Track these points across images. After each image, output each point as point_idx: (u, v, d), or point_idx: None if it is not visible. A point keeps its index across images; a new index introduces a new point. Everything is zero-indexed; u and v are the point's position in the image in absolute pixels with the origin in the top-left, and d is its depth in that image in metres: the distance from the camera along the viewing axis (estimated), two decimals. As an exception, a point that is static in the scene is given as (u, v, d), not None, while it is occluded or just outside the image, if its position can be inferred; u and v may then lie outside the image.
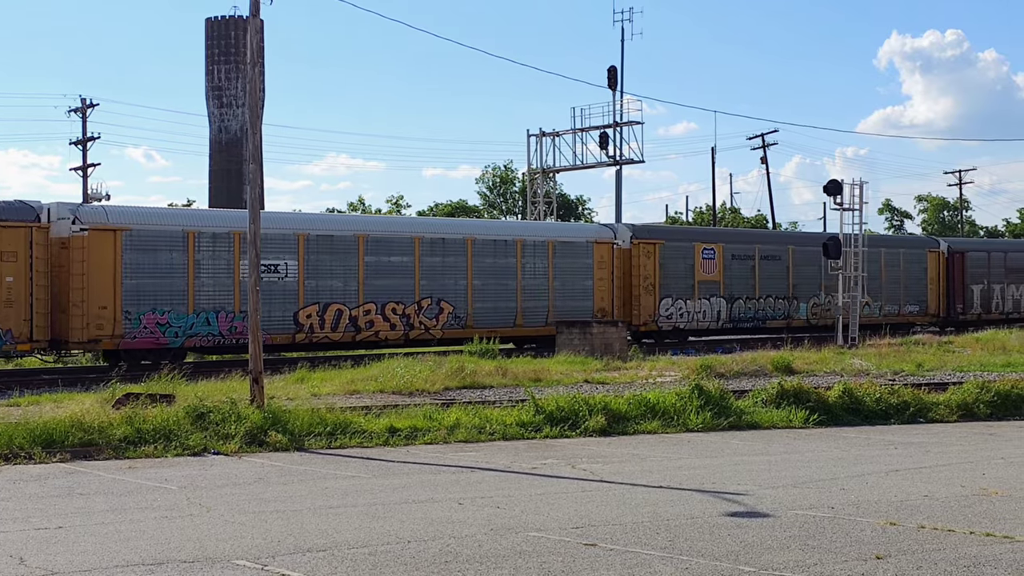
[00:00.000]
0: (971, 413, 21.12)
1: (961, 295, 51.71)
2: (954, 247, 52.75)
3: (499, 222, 38.11)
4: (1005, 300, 53.83)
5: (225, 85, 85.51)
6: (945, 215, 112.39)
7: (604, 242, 40.27)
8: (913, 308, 49.46)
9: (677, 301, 41.87)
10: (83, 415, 16.72)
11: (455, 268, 36.32)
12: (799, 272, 45.77)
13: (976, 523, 10.89)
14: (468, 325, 36.02)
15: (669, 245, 42.10)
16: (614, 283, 40.13)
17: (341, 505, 12.02)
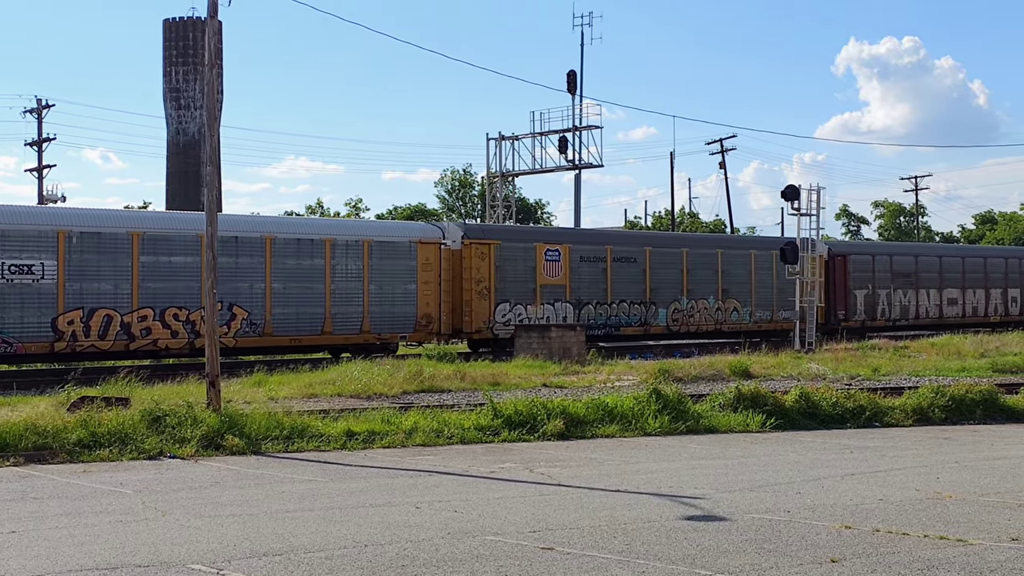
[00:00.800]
0: (926, 417, 21.29)
1: (843, 300, 48.89)
2: (835, 250, 50.07)
3: (305, 219, 34.24)
4: (892, 306, 50.94)
5: (183, 87, 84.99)
6: (902, 221, 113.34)
7: (430, 242, 37.06)
8: (789, 314, 44.23)
9: (516, 306, 38.80)
10: (37, 418, 16.57)
11: (251, 270, 33.13)
12: (659, 275, 43.07)
13: (930, 526, 10.98)
14: (266, 332, 33.28)
15: (507, 246, 39.10)
16: (442, 287, 36.95)
17: (298, 509, 11.97)
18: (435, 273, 36.83)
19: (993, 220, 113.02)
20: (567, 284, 40.37)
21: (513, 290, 38.83)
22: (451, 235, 38.24)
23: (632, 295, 42.18)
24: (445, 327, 37.11)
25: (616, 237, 47.15)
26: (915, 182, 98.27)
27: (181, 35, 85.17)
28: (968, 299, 54.09)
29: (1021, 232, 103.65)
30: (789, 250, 39.31)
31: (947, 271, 53.16)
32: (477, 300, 37.80)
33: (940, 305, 52.67)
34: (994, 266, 55.76)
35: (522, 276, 39.21)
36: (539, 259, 39.67)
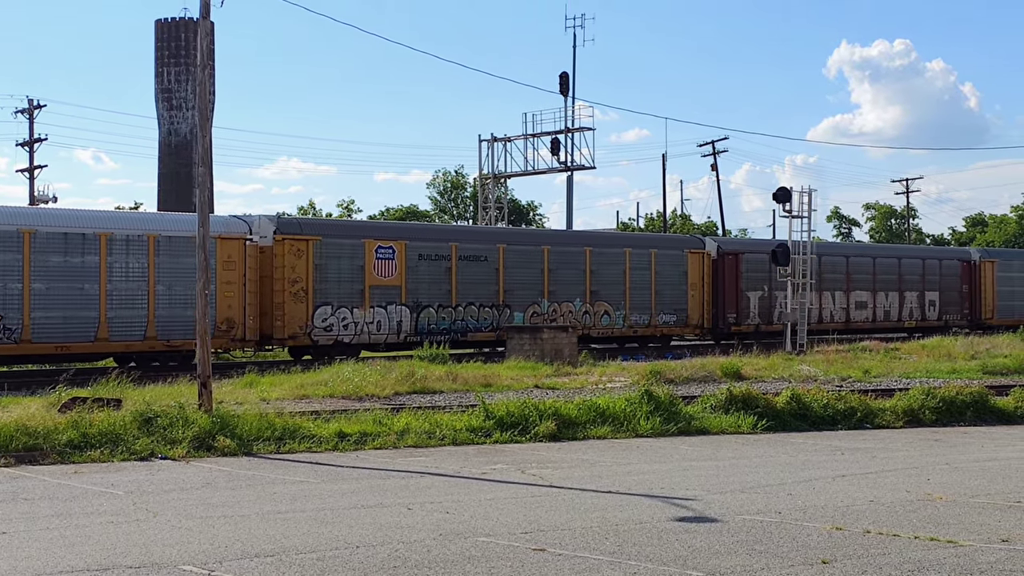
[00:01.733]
0: (917, 419, 21.32)
1: (734, 303, 45.66)
2: (725, 248, 46.85)
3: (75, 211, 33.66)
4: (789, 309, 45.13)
5: (175, 87, 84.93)
6: (893, 223, 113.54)
7: (233, 238, 33.08)
8: (669, 318, 43.21)
9: (340, 310, 35.22)
10: (28, 419, 16.55)
11: (4, 268, 29.68)
12: (514, 276, 39.49)
13: (921, 528, 11.00)
14: (24, 339, 29.74)
15: (330, 242, 35.38)
16: (247, 288, 33.09)
17: (289, 510, 11.96)
18: (239, 272, 32.99)
19: (984, 223, 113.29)
20: (402, 285, 36.76)
21: (337, 291, 35.25)
22: (260, 229, 34.35)
23: (483, 297, 38.61)
24: (251, 332, 33.28)
25: (463, 233, 43.27)
26: (906, 184, 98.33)
27: (173, 35, 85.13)
28: (880, 302, 51.34)
29: (1011, 235, 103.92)
30: (780, 252, 39.32)
31: (855, 272, 50.37)
32: (292, 303, 34.23)
33: (847, 309, 49.81)
34: (910, 267, 53.09)
35: (348, 276, 35.58)
36: (368, 257, 36.04)
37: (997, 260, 57.44)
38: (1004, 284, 56.88)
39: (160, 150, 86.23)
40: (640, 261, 43.01)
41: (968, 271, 55.52)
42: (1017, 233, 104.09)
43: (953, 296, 54.54)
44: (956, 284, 54.81)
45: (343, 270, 35.51)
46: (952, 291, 54.50)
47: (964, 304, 54.95)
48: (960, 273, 55.16)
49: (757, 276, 46.46)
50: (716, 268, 45.37)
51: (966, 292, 55.19)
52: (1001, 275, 56.80)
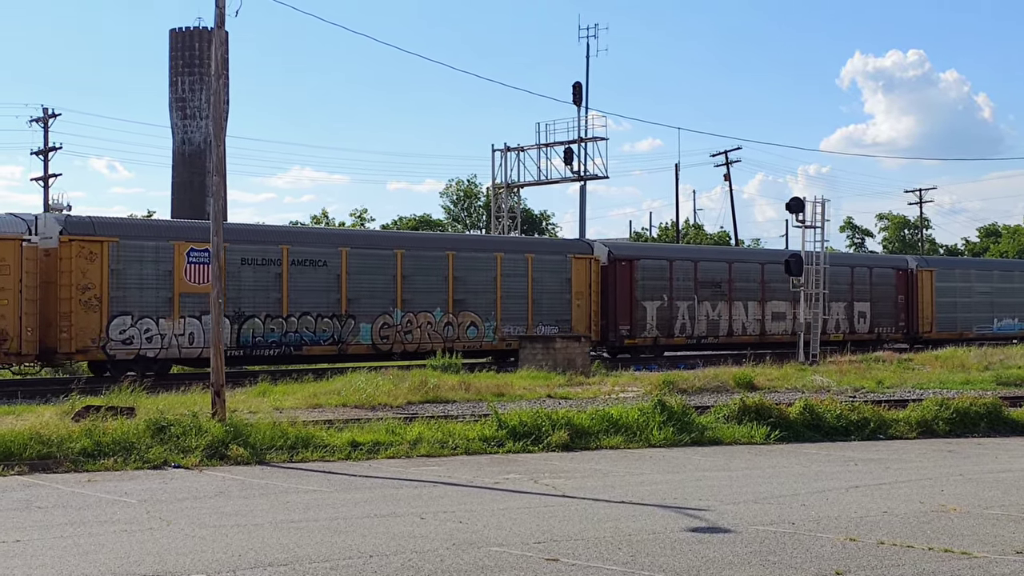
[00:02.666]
0: (930, 430, 21.27)
1: (628, 314, 41.86)
2: (618, 253, 42.71)
3: None
4: (696, 321, 43.87)
5: (189, 97, 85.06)
6: (906, 233, 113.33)
7: (7, 238, 29.14)
8: (549, 330, 38.99)
9: (143, 320, 31.37)
10: (42, 428, 16.59)
11: None
12: (360, 283, 35.67)
13: (935, 539, 10.97)
14: None
15: (129, 244, 31.34)
16: (23, 295, 29.17)
17: (303, 519, 11.97)
18: (14, 277, 29.06)
19: (997, 233, 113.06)
20: None
21: (139, 300, 31.42)
22: (45, 230, 30.51)
23: (321, 307, 34.77)
24: (29, 346, 29.49)
25: (296, 235, 37.82)
26: (919, 195, 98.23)
27: (187, 45, 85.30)
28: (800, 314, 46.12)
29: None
30: (794, 262, 39.25)
31: (772, 280, 46.18)
32: (82, 312, 30.37)
33: (762, 320, 46.10)
34: (836, 276, 47.56)
35: (153, 282, 31.72)
36: (179, 261, 32.09)
37: (936, 269, 53.95)
38: (944, 295, 53.41)
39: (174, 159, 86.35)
40: (514, 267, 39.05)
41: (905, 280, 52.04)
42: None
43: (887, 307, 51.02)
44: (891, 294, 51.17)
45: (147, 276, 31.71)
46: (886, 302, 51.03)
47: (900, 316, 51.39)
48: (895, 282, 51.52)
49: (655, 284, 42.92)
50: (607, 275, 41.57)
51: (902, 303, 51.65)
52: (941, 285, 53.24)
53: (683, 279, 43.79)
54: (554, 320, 39.73)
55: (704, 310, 44.34)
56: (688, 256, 45.72)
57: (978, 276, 55.91)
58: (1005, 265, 63.99)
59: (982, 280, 55.68)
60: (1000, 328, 54.95)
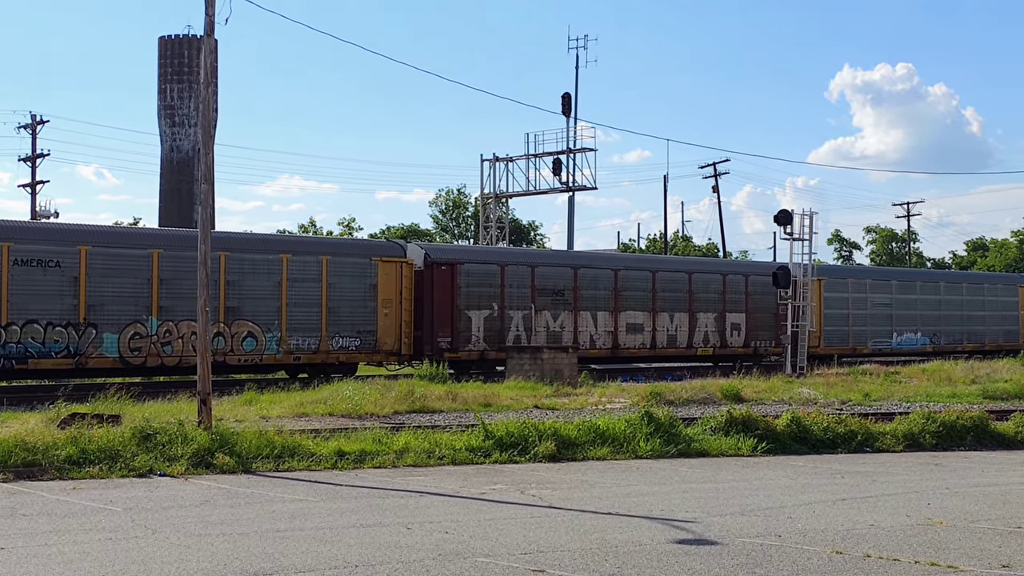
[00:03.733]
0: (917, 443, 21.30)
1: (448, 324, 37.57)
2: (436, 256, 38.32)
3: None
4: (534, 332, 39.49)
5: (178, 104, 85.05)
6: (894, 247, 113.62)
7: None
8: (350, 342, 35.16)
9: None
10: (27, 435, 16.53)
11: None
12: (104, 286, 31.13)
13: (921, 552, 10.97)
14: None
15: None
16: None
17: (288, 529, 11.93)
18: None
19: (985, 247, 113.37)
20: None
21: None
22: None
23: (52, 314, 30.30)
24: None
25: (22, 231, 31.44)
26: (907, 208, 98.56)
27: (176, 53, 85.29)
28: (661, 325, 43.29)
29: (1012, 259, 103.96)
30: (781, 274, 39.31)
31: (627, 288, 42.37)
32: None
33: (615, 332, 41.78)
34: (705, 283, 44.83)
35: None
36: None
37: (825, 277, 49.48)
38: (834, 306, 49.37)
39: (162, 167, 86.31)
40: (305, 270, 34.63)
41: None
42: (1018, 258, 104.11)
43: (766, 319, 46.20)
44: (770, 305, 45.80)
45: None
46: (765, 313, 46.09)
47: (781, 328, 45.29)
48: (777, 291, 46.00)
49: (483, 292, 38.58)
50: (423, 281, 37.33)
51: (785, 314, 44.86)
52: (831, 295, 49.29)
53: (518, 286, 39.44)
54: (355, 331, 35.29)
55: (543, 320, 39.97)
56: (524, 260, 41.23)
57: (875, 286, 51.98)
58: (906, 275, 59.29)
59: (879, 290, 51.85)
60: (900, 343, 50.86)
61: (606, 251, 66.64)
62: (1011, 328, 57.73)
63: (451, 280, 37.81)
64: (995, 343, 55.84)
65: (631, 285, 42.52)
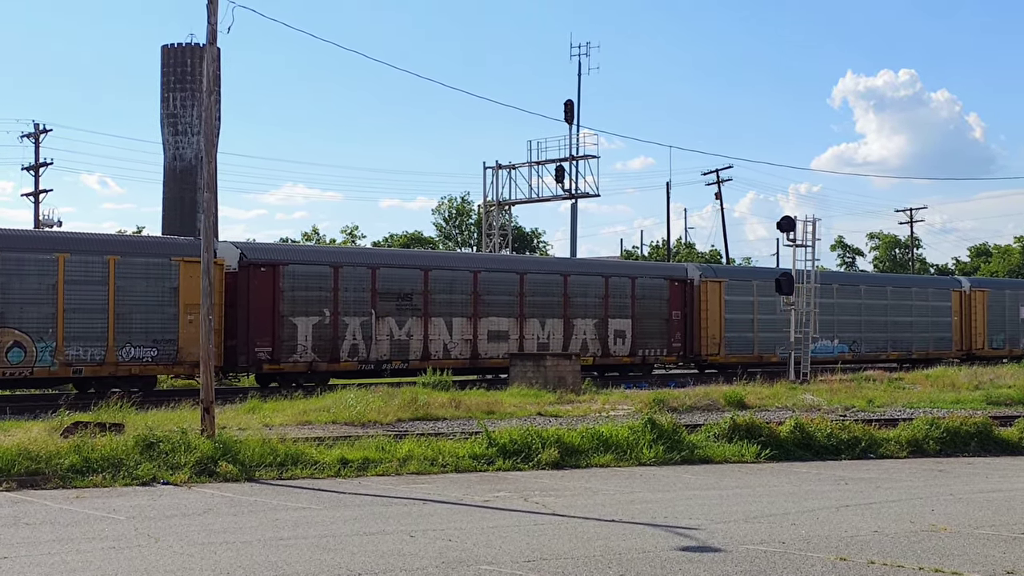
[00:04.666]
0: (921, 449, 21.27)
1: (269, 332, 33.67)
2: (253, 256, 34.10)
3: None
4: (375, 341, 35.47)
5: (180, 113, 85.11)
6: (897, 252, 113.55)
7: None
8: (145, 352, 31.22)
9: None
10: (30, 443, 16.53)
11: None
12: None
13: (925, 559, 10.95)
14: None
15: None
16: None
17: (292, 537, 11.93)
18: None
19: (988, 253, 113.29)
20: None
21: None
22: None
23: None
24: None
25: None
26: (910, 214, 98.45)
27: (179, 61, 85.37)
28: (531, 332, 39.28)
29: (1015, 265, 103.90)
30: (785, 281, 39.26)
31: (490, 292, 38.47)
32: None
33: (474, 340, 37.80)
34: (583, 287, 41.00)
35: None
36: None
37: (726, 280, 45.62)
38: (738, 310, 45.19)
39: (165, 175, 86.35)
40: (87, 272, 30.58)
41: (682, 293, 43.99)
42: (1021, 263, 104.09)
43: (657, 325, 42.88)
44: (662, 310, 43.08)
45: None
46: (655, 319, 42.86)
47: (674, 336, 43.21)
48: (669, 296, 43.48)
49: (312, 296, 34.61)
50: (237, 284, 33.42)
51: (678, 320, 43.48)
52: (733, 299, 45.17)
53: (355, 289, 35.52)
54: (151, 340, 31.27)
55: (386, 328, 36.02)
56: (363, 261, 36.73)
57: None
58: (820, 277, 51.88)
59: None
60: (814, 351, 44.33)
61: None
62: (943, 335, 53.69)
63: (272, 283, 33.94)
64: (924, 351, 51.90)
65: (494, 288, 38.62)
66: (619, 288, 42.19)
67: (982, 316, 55.60)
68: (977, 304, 55.43)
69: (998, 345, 56.36)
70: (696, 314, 44.10)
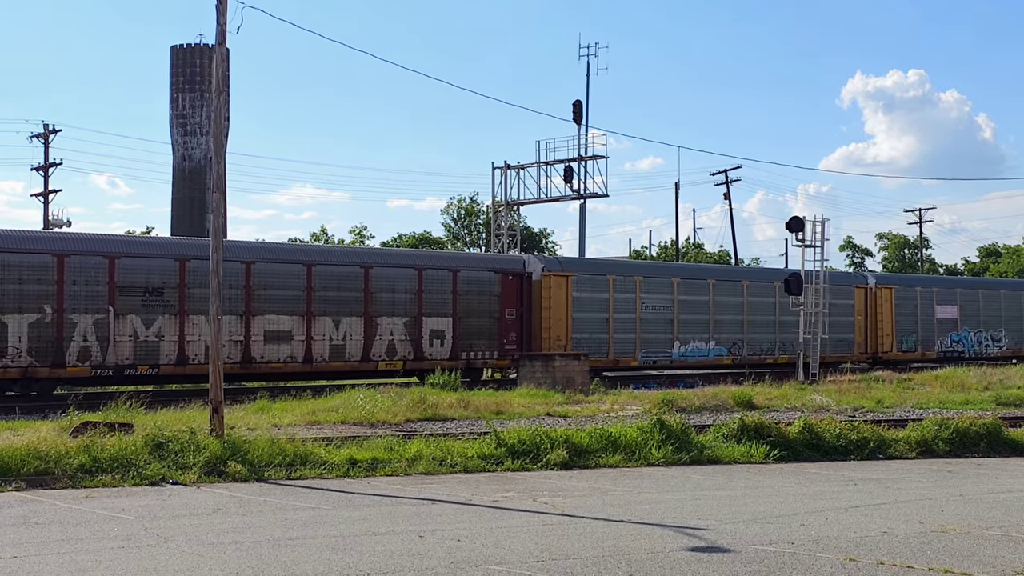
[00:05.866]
0: (930, 450, 21.23)
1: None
2: None
3: None
4: (113, 342, 30.73)
5: (189, 113, 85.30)
6: (906, 253, 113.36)
7: None
8: None
9: None
10: (40, 443, 16.56)
11: None
12: None
13: (935, 559, 10.93)
14: None
15: None
16: None
17: (301, 537, 11.93)
18: None
19: (997, 253, 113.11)
20: None
21: None
22: None
23: None
24: None
25: None
26: (919, 214, 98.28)
27: (188, 62, 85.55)
28: (321, 332, 34.45)
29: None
30: (794, 281, 39.21)
31: (267, 286, 33.62)
32: None
33: (246, 341, 32.85)
34: (390, 280, 36.05)
35: None
36: None
37: (574, 274, 40.23)
38: (588, 308, 40.25)
39: (174, 175, 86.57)
40: None
41: (518, 288, 38.70)
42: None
43: (485, 325, 37.75)
44: (492, 307, 37.94)
45: None
46: (484, 317, 37.69)
47: (507, 337, 38.05)
48: (501, 291, 38.24)
49: (27, 289, 29.81)
50: None
51: (512, 319, 38.23)
52: (581, 295, 40.09)
53: (87, 282, 30.63)
54: None
55: (129, 327, 31.08)
56: (98, 249, 31.31)
57: (649, 285, 42.49)
58: (693, 272, 48.48)
59: (655, 290, 42.58)
60: (685, 354, 42.04)
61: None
62: (843, 336, 48.26)
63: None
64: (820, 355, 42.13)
65: (272, 282, 33.64)
66: (437, 282, 36.96)
67: (890, 315, 50.35)
68: (884, 302, 50.19)
69: (908, 347, 51.13)
70: (538, 312, 38.85)
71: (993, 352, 54.38)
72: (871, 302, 49.87)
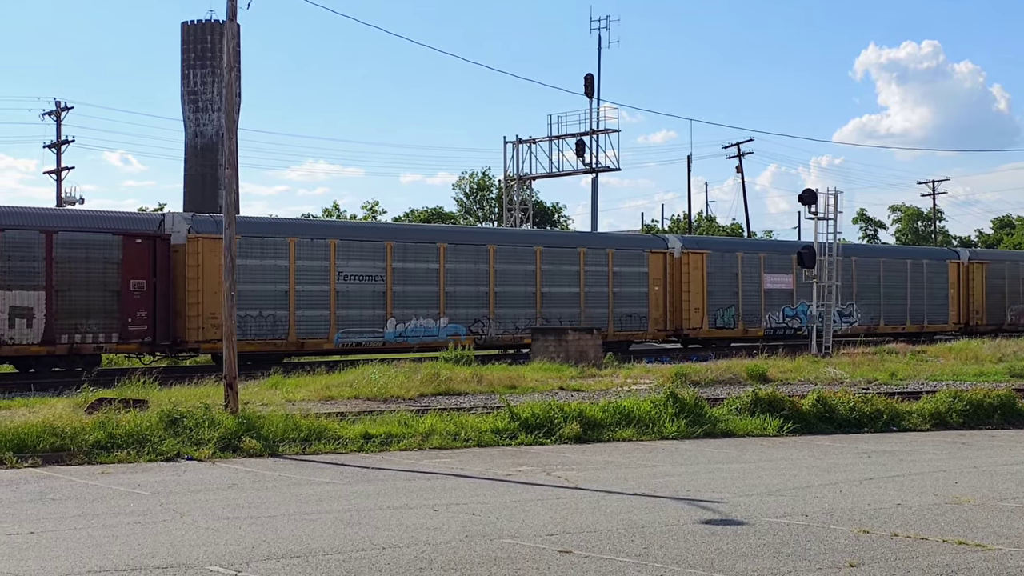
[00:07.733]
0: (944, 422, 21.21)
1: None
2: None
3: None
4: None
5: (201, 90, 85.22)
6: (919, 225, 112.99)
7: None
8: None
9: None
10: (55, 420, 16.63)
11: None
12: None
13: (949, 531, 10.94)
14: None
15: None
16: None
17: (315, 511, 11.98)
18: None
19: (1011, 224, 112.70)
20: None
21: None
22: None
23: None
24: None
25: None
26: (933, 186, 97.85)
27: (199, 38, 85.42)
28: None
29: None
30: (806, 254, 39.09)
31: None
32: None
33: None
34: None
35: None
36: None
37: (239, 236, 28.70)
38: (259, 279, 33.05)
39: (186, 152, 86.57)
40: None
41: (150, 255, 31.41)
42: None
43: (99, 300, 30.58)
44: (110, 278, 30.73)
45: None
46: (96, 291, 30.57)
47: (135, 315, 31.06)
48: (122, 258, 30.96)
49: None
50: None
51: (140, 293, 31.07)
52: (250, 263, 32.56)
53: None
54: None
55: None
56: None
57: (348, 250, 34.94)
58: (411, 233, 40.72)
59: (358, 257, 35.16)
60: (404, 333, 35.67)
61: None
62: (634, 311, 41.19)
63: None
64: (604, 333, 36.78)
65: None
66: (22, 246, 29.52)
67: (701, 286, 43.20)
68: (693, 270, 43.07)
69: (725, 323, 43.90)
70: (180, 285, 31.96)
71: (842, 329, 45.52)
72: (674, 271, 42.96)
